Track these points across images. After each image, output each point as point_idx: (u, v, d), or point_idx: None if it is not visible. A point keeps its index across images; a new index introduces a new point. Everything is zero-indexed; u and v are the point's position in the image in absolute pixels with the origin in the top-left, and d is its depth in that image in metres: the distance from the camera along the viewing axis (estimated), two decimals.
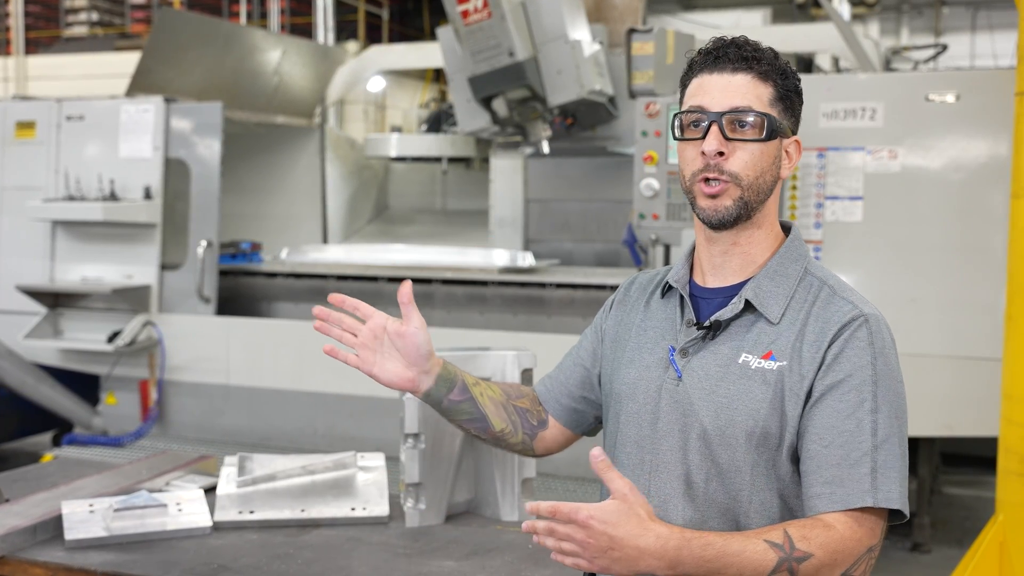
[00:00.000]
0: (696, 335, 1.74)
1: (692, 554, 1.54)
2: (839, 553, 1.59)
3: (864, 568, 1.63)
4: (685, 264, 1.84)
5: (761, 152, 1.71)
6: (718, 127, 1.69)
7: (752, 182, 1.71)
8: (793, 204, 5.14)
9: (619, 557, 1.52)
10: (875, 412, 1.63)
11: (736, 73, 1.71)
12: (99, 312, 6.12)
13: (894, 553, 5.63)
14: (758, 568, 1.55)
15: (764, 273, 1.74)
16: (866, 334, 1.66)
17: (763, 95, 1.71)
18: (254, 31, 8.58)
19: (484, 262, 6.05)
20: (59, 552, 2.45)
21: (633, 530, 1.52)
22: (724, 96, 1.70)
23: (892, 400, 1.66)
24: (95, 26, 15.17)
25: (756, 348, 1.70)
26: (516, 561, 2.45)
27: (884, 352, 1.67)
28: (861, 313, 1.68)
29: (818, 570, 1.58)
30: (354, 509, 2.71)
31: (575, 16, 5.94)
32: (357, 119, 10.54)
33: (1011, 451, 3.83)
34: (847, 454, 1.63)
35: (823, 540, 1.58)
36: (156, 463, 3.09)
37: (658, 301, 1.86)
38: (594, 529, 1.52)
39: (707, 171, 1.70)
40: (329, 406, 5.68)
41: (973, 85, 4.90)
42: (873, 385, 1.64)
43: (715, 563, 1.55)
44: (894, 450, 1.64)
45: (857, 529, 1.61)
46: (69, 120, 6.26)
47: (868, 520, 1.62)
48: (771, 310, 1.71)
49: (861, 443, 1.63)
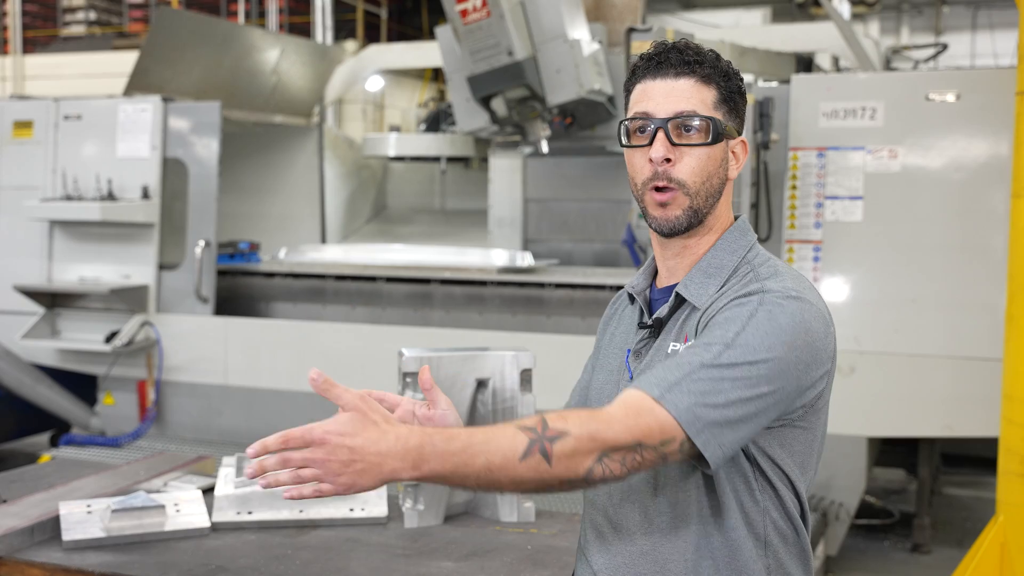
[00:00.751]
0: (643, 335, 1.78)
1: (436, 449, 1.48)
2: (599, 434, 1.51)
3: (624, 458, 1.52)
4: (647, 271, 1.86)
5: (708, 156, 1.71)
6: (664, 133, 1.70)
7: (700, 188, 1.71)
8: (793, 204, 5.13)
9: (362, 468, 1.48)
10: (726, 347, 1.58)
11: (679, 78, 1.71)
12: (97, 312, 6.10)
13: (894, 554, 5.64)
14: (507, 453, 1.49)
15: (697, 268, 1.76)
16: (756, 299, 1.63)
17: (707, 98, 1.71)
18: (252, 30, 8.56)
19: (483, 262, 6.04)
20: (57, 553, 2.45)
21: (372, 436, 1.49)
22: (668, 101, 1.70)
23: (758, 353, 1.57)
24: (93, 25, 15.15)
25: (680, 335, 1.72)
26: (515, 562, 2.45)
27: (771, 314, 1.61)
28: (763, 289, 1.65)
29: (575, 450, 1.50)
30: (352, 510, 2.72)
31: (574, 15, 5.93)
32: (355, 118, 10.53)
33: (1012, 451, 3.84)
34: (677, 362, 1.59)
35: (582, 420, 1.52)
36: (154, 464, 3.10)
37: (628, 309, 1.89)
38: (331, 443, 1.48)
39: (656, 179, 1.71)
40: (327, 406, 5.57)
41: (973, 84, 4.90)
42: (739, 328, 1.59)
43: (461, 455, 1.48)
44: (722, 384, 1.55)
45: (630, 417, 1.53)
46: (67, 120, 6.24)
47: (651, 417, 1.53)
48: (700, 299, 1.72)
49: (692, 357, 1.58)
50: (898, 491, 6.55)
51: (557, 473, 1.51)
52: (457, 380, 2.68)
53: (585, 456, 1.51)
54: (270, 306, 6.42)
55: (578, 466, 1.51)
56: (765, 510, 1.69)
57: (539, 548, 2.54)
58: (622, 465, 1.53)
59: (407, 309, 6.03)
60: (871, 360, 4.98)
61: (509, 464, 1.49)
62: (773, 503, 1.70)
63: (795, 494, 1.72)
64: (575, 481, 1.53)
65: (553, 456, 1.50)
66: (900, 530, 5.93)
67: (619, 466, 1.53)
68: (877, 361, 4.97)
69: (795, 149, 5.13)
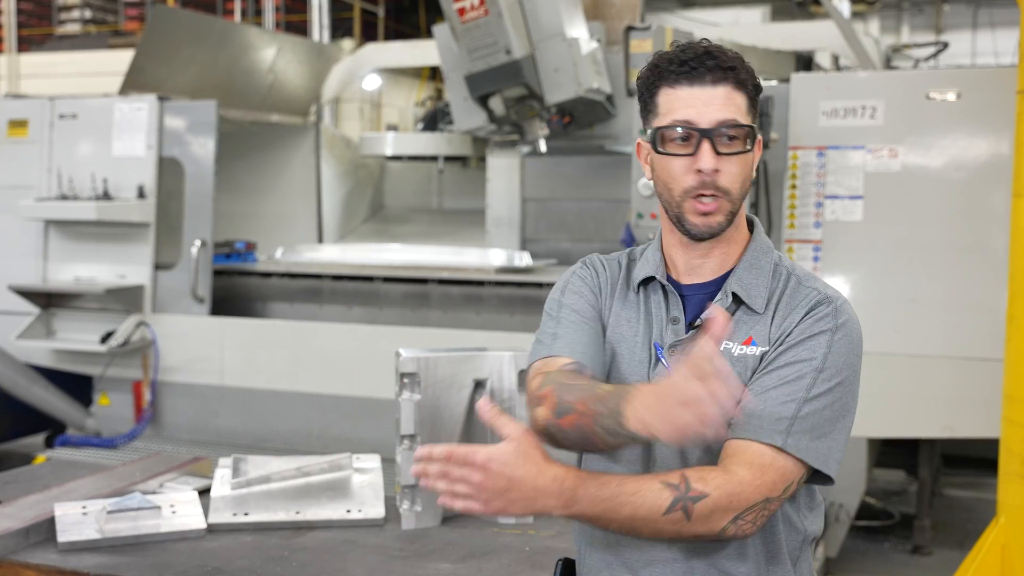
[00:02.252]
0: (688, 335, 1.76)
1: (588, 493, 1.57)
2: (735, 496, 1.60)
3: (754, 517, 1.63)
4: (660, 258, 1.83)
5: (747, 162, 1.74)
6: (710, 143, 1.69)
7: (739, 193, 1.74)
8: (792, 203, 5.12)
9: (516, 498, 1.55)
10: (819, 371, 1.67)
11: (717, 85, 1.70)
12: (92, 312, 6.08)
13: (895, 556, 5.64)
14: (652, 507, 1.58)
15: (742, 267, 1.78)
16: (831, 310, 1.71)
17: (742, 104, 1.73)
18: (249, 29, 8.54)
19: (481, 262, 6.02)
20: (52, 554, 2.46)
21: (531, 471, 1.55)
22: (709, 109, 1.69)
23: (843, 369, 1.68)
24: (88, 24, 15.14)
25: (736, 336, 1.74)
26: (513, 564, 2.46)
27: (846, 329, 1.71)
28: (826, 296, 1.74)
29: (712, 511, 1.59)
30: (349, 511, 2.73)
31: (573, 13, 5.90)
32: (352, 117, 10.50)
33: (1012, 452, 3.84)
34: (777, 396, 1.66)
35: (720, 482, 1.60)
36: (150, 465, 3.11)
37: (634, 294, 1.84)
38: (492, 471, 1.54)
39: (703, 188, 1.71)
40: (324, 407, 5.66)
41: (974, 83, 4.89)
42: (827, 348, 1.68)
43: (610, 502, 1.57)
44: (826, 413, 1.66)
45: (759, 477, 1.62)
46: (62, 119, 6.22)
47: (774, 471, 1.63)
48: (756, 301, 1.76)
49: (795, 392, 1.66)
50: (898, 492, 6.54)
51: (694, 530, 1.61)
52: (455, 381, 2.68)
53: (722, 516, 1.61)
54: (266, 306, 6.40)
55: (715, 525, 1.61)
56: (799, 508, 1.79)
57: (537, 549, 2.55)
58: (753, 525, 1.64)
59: (404, 309, 6.01)
60: (871, 360, 4.89)
61: (652, 517, 1.59)
62: (805, 498, 1.80)
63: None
64: (708, 536, 1.63)
65: (693, 514, 1.59)
66: (900, 531, 5.92)
67: (751, 526, 1.63)
68: (877, 361, 4.94)
69: (795, 148, 5.11)
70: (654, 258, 1.84)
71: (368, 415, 5.48)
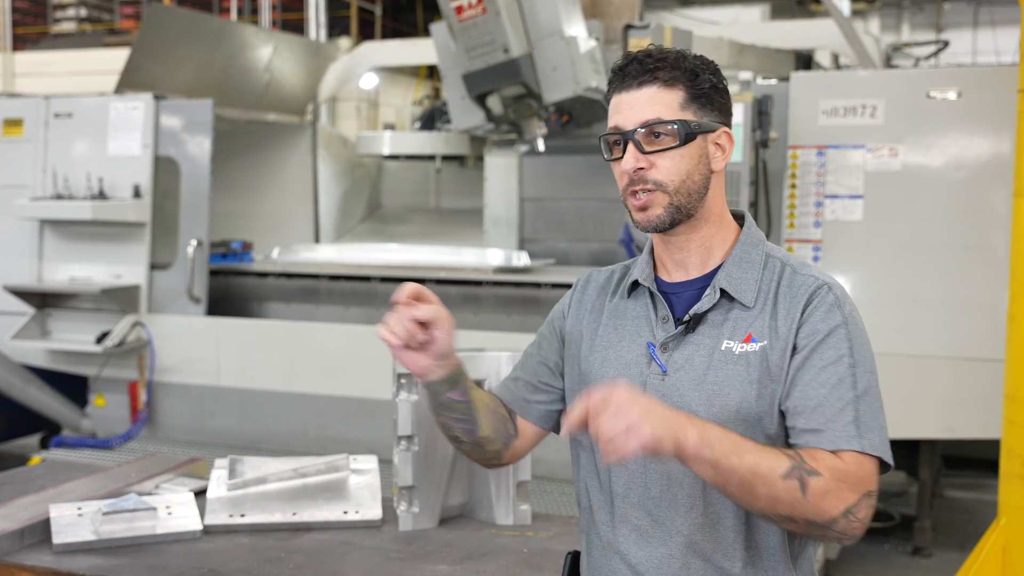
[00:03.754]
0: (677, 330, 1.79)
1: (715, 432, 1.61)
2: (844, 483, 1.63)
3: (866, 512, 1.66)
4: (648, 262, 1.88)
5: (682, 156, 1.76)
6: (633, 144, 1.76)
7: (679, 186, 1.76)
8: (792, 203, 5.11)
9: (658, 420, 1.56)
10: (854, 367, 1.70)
11: (642, 87, 1.77)
12: (88, 312, 6.06)
13: (895, 557, 5.63)
14: (773, 465, 1.61)
15: (731, 262, 1.81)
16: (833, 298, 1.74)
17: (672, 101, 1.76)
18: (245, 27, 8.52)
19: (478, 262, 6.00)
20: (47, 556, 2.46)
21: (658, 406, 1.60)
22: (633, 112, 1.76)
23: (867, 356, 1.73)
24: (83, 22, 15.13)
25: (736, 334, 1.76)
26: (511, 565, 2.45)
27: (852, 314, 1.75)
28: (823, 282, 1.76)
29: (826, 492, 1.62)
30: (346, 512, 2.73)
31: (571, 12, 5.89)
32: (349, 116, 10.50)
33: (1013, 453, 3.83)
34: (830, 404, 1.68)
35: (831, 464, 1.64)
36: (145, 466, 3.11)
37: (624, 300, 1.89)
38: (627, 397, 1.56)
39: (632, 184, 1.78)
40: (321, 408, 5.65)
41: (975, 82, 4.88)
42: (849, 342, 1.71)
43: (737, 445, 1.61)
44: (874, 403, 1.70)
45: (860, 467, 1.65)
46: (57, 117, 6.20)
47: (867, 467, 1.66)
48: (745, 295, 1.78)
49: (843, 394, 1.69)
50: (898, 494, 6.53)
51: (808, 509, 1.62)
52: None
53: (835, 502, 1.63)
54: (263, 306, 6.38)
55: (830, 509, 1.63)
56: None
57: (535, 551, 2.54)
58: (862, 525, 1.66)
59: None
60: None
61: (772, 476, 1.61)
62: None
63: None
64: (819, 525, 1.64)
65: (808, 488, 1.61)
66: (901, 533, 5.91)
67: (860, 526, 1.66)
68: (877, 362, 4.90)
69: (794, 147, 5.10)
70: (643, 262, 1.90)
71: (365, 416, 5.47)
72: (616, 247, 6.33)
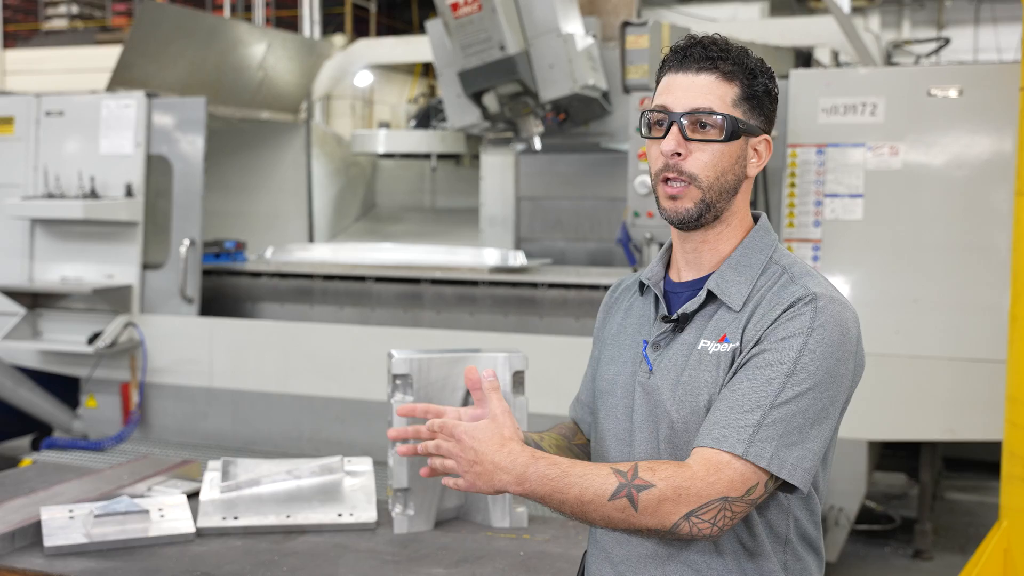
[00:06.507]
0: (665, 328, 1.80)
1: (538, 472, 1.66)
2: (684, 490, 1.62)
3: (715, 516, 1.62)
4: (660, 262, 1.90)
5: (722, 153, 1.74)
6: (678, 128, 1.73)
7: (712, 183, 1.75)
8: (791, 202, 5.07)
9: (480, 472, 1.69)
10: (790, 376, 1.65)
11: (700, 73, 1.74)
12: (79, 313, 6.03)
13: (896, 560, 5.62)
14: (598, 491, 1.63)
15: (727, 264, 1.79)
16: (810, 310, 1.69)
17: (726, 95, 1.74)
18: (238, 24, 8.46)
19: (474, 261, 5.98)
20: (38, 559, 2.47)
21: (492, 446, 1.69)
22: (686, 96, 1.74)
23: (816, 372, 1.65)
24: (75, 19, 15.09)
25: (713, 333, 1.76)
26: (507, 568, 2.46)
27: (825, 330, 1.67)
28: (810, 293, 1.71)
29: (659, 503, 1.62)
30: (341, 515, 2.74)
31: (568, 9, 5.87)
32: (344, 115, 10.47)
33: (1015, 455, 3.84)
34: (744, 403, 1.66)
35: (669, 474, 1.63)
36: (138, 468, 3.13)
37: (638, 300, 1.92)
38: (464, 443, 1.70)
39: (666, 171, 1.76)
40: (315, 409, 5.63)
41: (976, 80, 4.85)
42: (799, 351, 1.66)
43: (558, 482, 1.65)
44: (796, 420, 1.64)
45: (713, 473, 1.62)
46: (48, 116, 6.17)
47: (731, 470, 1.62)
48: (734, 299, 1.76)
49: (760, 397, 1.65)
50: (899, 496, 6.53)
51: (643, 522, 1.64)
52: (448, 382, 2.69)
53: (671, 510, 1.62)
54: (256, 307, 6.35)
55: (664, 519, 1.63)
56: (788, 508, 1.75)
57: (532, 554, 2.55)
58: (712, 526, 1.63)
59: (397, 310, 5.97)
60: (871, 362, 4.81)
61: (598, 501, 1.64)
62: (796, 499, 1.75)
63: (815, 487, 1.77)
64: (663, 533, 1.65)
65: (639, 504, 1.62)
66: (901, 536, 5.91)
67: (710, 526, 1.63)
68: (877, 363, 4.89)
69: (793, 146, 5.07)
70: (656, 262, 1.91)
71: (360, 417, 5.45)
72: (613, 247, 6.31)
